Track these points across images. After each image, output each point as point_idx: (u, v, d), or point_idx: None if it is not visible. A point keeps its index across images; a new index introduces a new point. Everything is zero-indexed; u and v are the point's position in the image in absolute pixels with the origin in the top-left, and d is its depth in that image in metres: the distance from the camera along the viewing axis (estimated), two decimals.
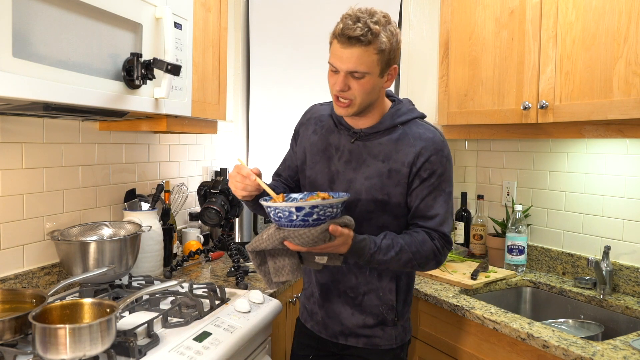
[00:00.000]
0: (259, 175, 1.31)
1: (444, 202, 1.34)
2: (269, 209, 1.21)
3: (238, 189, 1.30)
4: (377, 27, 1.22)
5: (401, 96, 2.74)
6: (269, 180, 1.57)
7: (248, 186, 1.29)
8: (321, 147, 1.44)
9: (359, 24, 1.21)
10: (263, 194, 1.31)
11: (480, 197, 2.34)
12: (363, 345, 1.43)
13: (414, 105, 1.45)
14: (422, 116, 1.42)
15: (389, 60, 1.28)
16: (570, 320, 1.77)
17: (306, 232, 1.18)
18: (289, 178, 1.56)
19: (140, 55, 1.32)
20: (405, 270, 1.42)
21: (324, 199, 1.21)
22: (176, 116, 1.69)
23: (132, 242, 1.60)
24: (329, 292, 1.45)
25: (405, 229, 1.39)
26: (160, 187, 1.96)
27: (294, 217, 1.17)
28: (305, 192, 1.33)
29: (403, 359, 1.50)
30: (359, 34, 1.21)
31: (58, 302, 1.20)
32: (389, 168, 1.34)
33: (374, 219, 1.37)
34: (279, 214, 1.19)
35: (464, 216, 2.38)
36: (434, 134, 1.36)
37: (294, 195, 1.30)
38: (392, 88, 2.78)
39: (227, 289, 1.67)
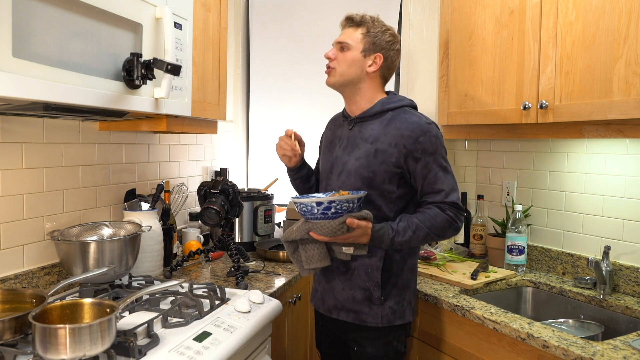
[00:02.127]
0: (300, 141, 1.69)
1: (444, 176, 1.50)
2: (296, 204, 1.44)
3: (280, 154, 1.69)
4: (370, 16, 1.57)
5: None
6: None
7: (287, 151, 1.66)
8: (329, 140, 1.69)
9: (360, 14, 1.56)
10: (303, 165, 1.74)
11: (480, 197, 2.34)
12: (352, 320, 1.57)
13: (411, 100, 1.63)
14: (413, 105, 1.60)
15: (374, 44, 1.55)
16: (570, 320, 1.77)
17: (326, 224, 1.40)
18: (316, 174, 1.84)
19: (140, 55, 1.32)
20: (427, 242, 1.65)
21: (342, 195, 1.41)
22: (176, 116, 1.69)
23: (132, 242, 1.60)
24: (326, 269, 1.62)
25: (392, 204, 1.54)
26: (160, 187, 1.96)
27: (315, 211, 1.40)
28: (331, 192, 1.57)
29: (393, 345, 1.57)
30: (353, 15, 1.56)
31: (58, 302, 1.20)
32: (375, 148, 1.51)
33: None
34: (304, 209, 1.42)
35: (464, 216, 2.38)
36: (419, 118, 1.53)
37: (318, 194, 1.55)
38: (391, 87, 2.79)
39: (227, 289, 1.67)
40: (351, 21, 1.57)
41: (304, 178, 1.77)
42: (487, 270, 2.04)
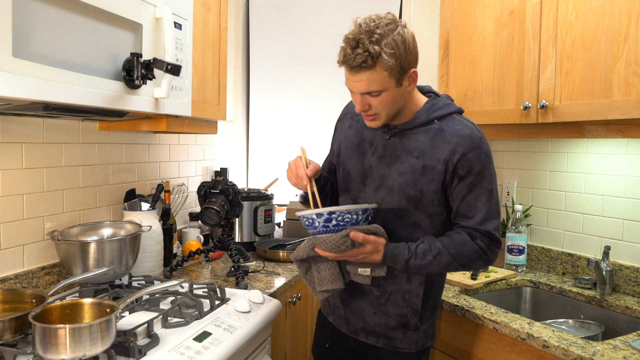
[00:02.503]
0: (317, 172, 1.38)
1: (486, 200, 1.31)
2: (301, 218, 1.31)
3: (291, 182, 1.40)
4: (376, 47, 1.18)
5: None
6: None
7: (299, 185, 1.37)
8: (355, 141, 1.45)
9: (358, 51, 1.19)
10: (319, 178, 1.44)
11: None
12: (382, 346, 1.42)
13: (452, 100, 1.41)
14: (460, 111, 1.39)
15: (402, 69, 1.24)
16: (570, 320, 1.77)
17: (328, 237, 1.26)
18: (331, 173, 1.58)
19: (140, 55, 1.32)
20: (449, 271, 1.43)
21: (343, 206, 1.28)
22: (176, 116, 1.69)
23: (132, 242, 1.60)
24: (354, 289, 1.44)
25: (439, 227, 1.38)
26: (160, 187, 1.96)
27: (317, 224, 1.28)
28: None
29: None
30: (359, 62, 1.20)
31: (58, 302, 1.20)
32: (423, 164, 1.32)
33: (405, 216, 1.35)
34: (306, 222, 1.30)
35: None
36: (471, 130, 1.32)
37: (300, 212, 1.33)
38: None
39: (227, 289, 1.67)
40: (363, 67, 1.21)
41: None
42: (487, 270, 2.04)
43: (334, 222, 1.26)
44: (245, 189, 2.52)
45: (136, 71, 1.30)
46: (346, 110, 1.55)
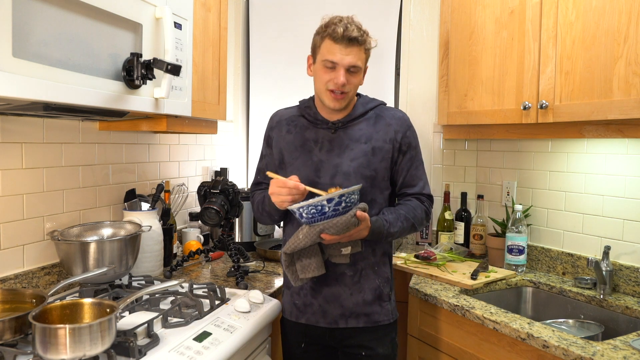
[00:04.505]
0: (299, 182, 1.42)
1: (422, 170, 1.58)
2: (301, 209, 1.32)
3: (286, 200, 1.38)
4: (364, 28, 1.44)
5: (401, 96, 2.75)
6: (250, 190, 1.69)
7: (296, 195, 1.38)
8: (298, 143, 1.55)
9: (354, 27, 1.41)
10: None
11: (480, 197, 2.34)
12: (364, 324, 1.51)
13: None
14: (384, 103, 1.61)
15: (367, 59, 1.49)
16: (570, 320, 1.77)
17: (340, 220, 1.32)
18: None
19: (140, 55, 1.32)
20: (408, 234, 1.57)
21: (332, 192, 1.32)
22: (176, 116, 1.69)
23: (132, 242, 1.60)
24: (326, 278, 1.51)
25: (388, 201, 1.56)
26: (160, 187, 1.96)
27: (327, 209, 1.31)
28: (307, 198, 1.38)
29: (395, 340, 1.57)
30: (357, 35, 1.41)
31: (58, 302, 1.20)
32: (372, 147, 1.50)
33: (363, 195, 1.48)
34: (312, 210, 1.32)
35: (464, 216, 2.38)
36: (402, 113, 1.58)
37: (302, 203, 1.33)
38: (392, 87, 2.79)
39: (227, 289, 1.67)
40: (357, 41, 1.41)
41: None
42: (487, 270, 2.04)
43: (343, 204, 1.32)
44: (245, 189, 2.52)
45: (136, 71, 1.30)
46: (277, 118, 1.65)
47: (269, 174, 1.44)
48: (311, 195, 1.39)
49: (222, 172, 2.58)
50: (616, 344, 1.37)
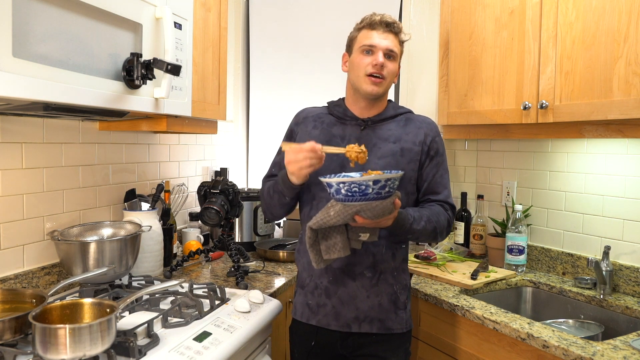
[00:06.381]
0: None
1: (447, 178, 1.55)
2: (341, 185, 1.22)
3: (304, 166, 1.31)
4: (399, 22, 1.49)
5: (401, 96, 2.75)
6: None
7: (314, 159, 1.31)
8: (324, 138, 1.51)
9: (389, 16, 1.47)
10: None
11: (480, 197, 2.34)
12: (377, 330, 1.47)
13: None
14: (412, 111, 1.61)
15: (401, 54, 1.51)
16: (570, 320, 1.77)
17: (379, 205, 1.24)
18: None
19: (140, 55, 1.32)
20: (426, 239, 1.51)
21: (393, 173, 1.26)
22: (176, 116, 1.69)
23: (132, 242, 1.60)
24: (344, 277, 1.47)
25: (414, 204, 1.52)
26: (160, 187, 1.96)
27: (370, 191, 1.21)
28: (342, 174, 1.41)
29: (409, 351, 1.54)
30: (392, 21, 1.46)
31: (58, 302, 1.20)
32: (400, 147, 1.48)
33: None
34: (354, 188, 1.21)
35: (464, 216, 2.38)
36: (431, 120, 1.58)
37: (344, 178, 1.28)
38: (392, 87, 2.79)
39: (227, 289, 1.67)
40: (393, 27, 1.46)
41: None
42: (487, 270, 2.04)
43: (387, 189, 1.23)
44: (245, 189, 2.52)
45: (136, 71, 1.30)
46: (304, 114, 1.62)
47: (284, 144, 1.36)
48: (328, 171, 1.40)
49: (222, 172, 2.58)
50: (616, 344, 1.37)
